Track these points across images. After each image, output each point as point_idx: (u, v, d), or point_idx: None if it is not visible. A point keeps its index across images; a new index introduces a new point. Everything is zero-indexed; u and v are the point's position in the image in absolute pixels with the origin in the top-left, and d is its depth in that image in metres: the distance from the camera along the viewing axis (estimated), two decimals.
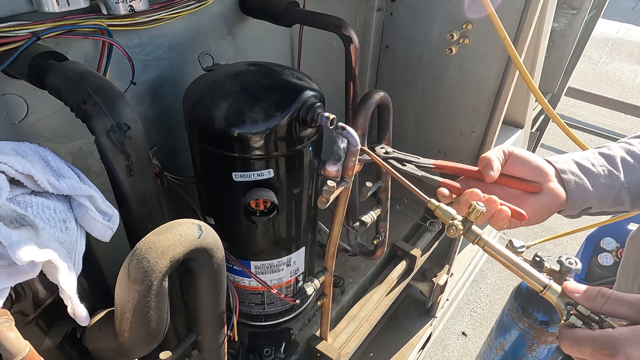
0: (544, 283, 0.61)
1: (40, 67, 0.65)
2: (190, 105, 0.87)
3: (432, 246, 1.68)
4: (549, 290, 0.61)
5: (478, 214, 0.65)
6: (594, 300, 0.57)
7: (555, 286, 0.61)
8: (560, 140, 4.33)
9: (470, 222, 0.66)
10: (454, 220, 0.67)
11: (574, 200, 0.80)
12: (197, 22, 1.00)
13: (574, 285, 0.60)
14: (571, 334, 0.57)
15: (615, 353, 0.52)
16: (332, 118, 0.80)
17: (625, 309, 0.56)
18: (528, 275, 0.63)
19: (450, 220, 0.67)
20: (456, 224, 0.66)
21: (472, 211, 0.65)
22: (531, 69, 2.13)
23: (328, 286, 1.06)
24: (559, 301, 0.60)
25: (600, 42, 6.66)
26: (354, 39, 1.05)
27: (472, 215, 0.66)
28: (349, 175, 0.82)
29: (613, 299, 0.57)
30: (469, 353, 2.54)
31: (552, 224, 3.45)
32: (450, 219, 0.67)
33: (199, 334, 0.78)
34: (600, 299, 0.57)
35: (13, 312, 0.55)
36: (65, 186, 0.60)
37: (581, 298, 0.58)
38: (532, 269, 0.63)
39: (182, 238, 0.59)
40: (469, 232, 0.66)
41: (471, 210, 0.66)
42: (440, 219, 0.69)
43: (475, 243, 0.66)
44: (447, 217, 0.68)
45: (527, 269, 0.63)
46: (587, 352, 0.55)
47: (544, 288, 0.61)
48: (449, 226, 0.66)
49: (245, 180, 0.88)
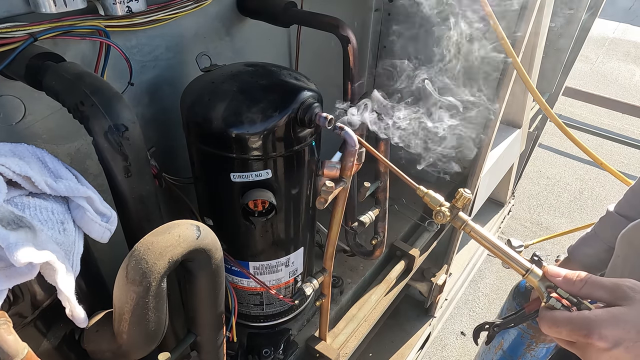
0: (526, 267, 0.64)
1: (38, 68, 0.65)
2: (188, 106, 0.87)
3: (431, 246, 1.68)
4: (530, 274, 0.64)
5: (465, 200, 0.67)
6: (573, 284, 0.61)
7: (536, 270, 0.64)
8: (558, 140, 4.34)
9: (458, 208, 0.68)
10: (442, 207, 0.68)
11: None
12: (195, 22, 1.00)
13: (554, 270, 0.63)
14: (550, 316, 0.61)
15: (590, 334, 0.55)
16: (330, 118, 0.80)
17: (601, 292, 0.59)
18: (511, 260, 0.66)
19: (438, 207, 0.69)
20: (443, 210, 0.68)
21: (460, 198, 0.67)
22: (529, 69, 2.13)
23: (327, 286, 1.06)
24: (540, 284, 0.63)
25: (598, 41, 6.68)
26: (351, 39, 1.05)
27: (458, 202, 0.68)
28: (347, 175, 0.82)
29: (591, 282, 0.60)
30: (468, 353, 2.55)
31: (550, 223, 3.46)
32: (438, 206, 0.69)
33: (198, 334, 0.78)
34: (578, 282, 0.60)
35: (11, 314, 0.54)
36: (62, 187, 0.59)
37: (561, 282, 0.62)
38: (515, 254, 0.66)
39: (181, 239, 0.59)
40: (456, 219, 0.68)
41: (458, 198, 0.68)
42: (429, 205, 0.71)
43: (462, 229, 0.68)
44: (435, 204, 0.69)
45: (510, 254, 0.66)
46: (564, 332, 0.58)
47: (526, 272, 0.64)
48: (436, 212, 0.68)
49: (243, 180, 0.88)
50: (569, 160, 4.17)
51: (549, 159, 4.19)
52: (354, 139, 0.79)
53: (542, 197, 3.73)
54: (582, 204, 3.68)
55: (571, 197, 3.75)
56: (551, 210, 3.60)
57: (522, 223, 3.45)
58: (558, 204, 3.67)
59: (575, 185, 3.88)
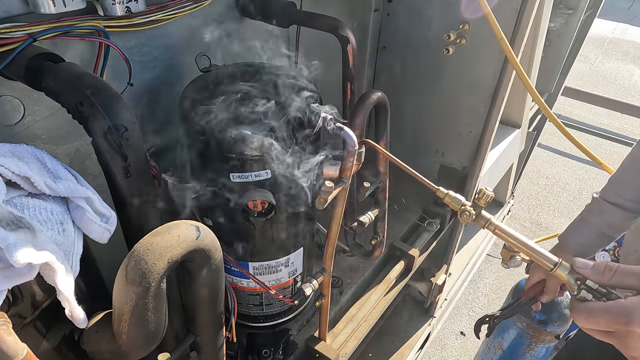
0: (554, 261, 0.64)
1: (37, 68, 0.65)
2: (187, 106, 0.87)
3: (431, 246, 1.68)
4: (559, 268, 0.63)
5: (488, 198, 0.68)
6: (602, 274, 0.60)
7: (565, 263, 0.64)
8: (557, 140, 4.34)
9: (480, 207, 0.68)
10: (466, 206, 0.69)
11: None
12: (194, 23, 1.00)
13: (582, 262, 0.62)
14: (584, 307, 0.60)
15: (631, 321, 0.55)
16: (329, 118, 0.80)
17: (632, 279, 0.59)
18: (539, 255, 0.65)
19: (461, 206, 0.69)
20: (468, 209, 0.68)
21: (482, 197, 0.68)
22: (528, 69, 2.13)
23: (326, 287, 1.06)
24: (569, 277, 0.63)
25: (597, 41, 6.69)
26: (351, 39, 1.05)
27: (481, 200, 0.68)
28: (347, 175, 0.82)
29: (620, 271, 0.60)
30: (468, 353, 2.55)
31: (549, 223, 3.46)
32: (461, 205, 0.69)
33: (198, 335, 0.78)
34: (607, 272, 0.60)
35: (10, 315, 0.54)
36: (62, 188, 0.59)
37: (590, 273, 0.61)
38: (542, 249, 0.66)
39: (180, 239, 0.59)
40: (479, 217, 0.68)
41: (481, 196, 0.68)
42: (451, 206, 0.71)
43: (486, 227, 0.68)
44: (457, 204, 0.70)
45: (537, 249, 0.66)
46: (602, 322, 0.58)
47: (554, 266, 0.64)
48: (461, 212, 0.69)
49: (242, 181, 0.88)
50: (568, 160, 4.18)
51: (548, 159, 4.19)
52: (354, 139, 0.79)
53: (541, 197, 3.73)
54: (582, 203, 3.68)
55: (570, 196, 3.76)
56: (550, 210, 3.60)
57: (521, 223, 3.46)
58: (557, 203, 3.68)
59: (575, 185, 3.88)
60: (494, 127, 1.51)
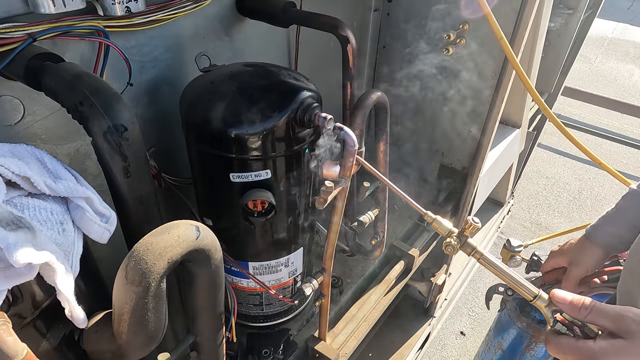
0: (534, 293, 0.68)
1: (37, 68, 0.65)
2: (187, 106, 0.87)
3: (430, 246, 1.68)
4: (538, 300, 0.67)
5: (474, 229, 0.70)
6: (578, 311, 0.64)
7: (544, 295, 0.67)
8: (557, 140, 4.34)
9: (465, 236, 0.71)
10: (450, 239, 0.71)
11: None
12: (194, 23, 1.00)
13: (560, 295, 0.66)
14: (557, 341, 0.65)
15: None
16: (329, 118, 0.80)
17: (605, 321, 0.62)
18: (519, 286, 0.69)
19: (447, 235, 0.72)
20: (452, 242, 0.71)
21: (468, 227, 0.70)
22: (528, 69, 2.13)
23: (326, 287, 1.06)
24: (546, 310, 0.67)
25: (597, 41, 6.69)
26: (351, 39, 1.05)
27: (467, 230, 0.70)
28: (347, 175, 0.82)
29: (595, 310, 0.63)
30: (468, 352, 2.55)
31: (549, 223, 3.46)
32: (447, 233, 0.72)
33: (197, 335, 0.78)
34: (583, 310, 0.64)
35: (10, 315, 0.54)
36: (62, 188, 0.59)
37: (567, 307, 0.65)
38: (523, 280, 0.69)
39: (180, 239, 0.59)
40: (465, 245, 0.71)
41: (467, 227, 0.70)
42: (437, 231, 0.73)
43: (471, 255, 0.71)
44: (443, 231, 0.73)
45: (519, 280, 0.69)
46: (570, 359, 0.63)
47: (534, 298, 0.67)
48: (446, 245, 0.71)
49: (242, 181, 0.88)
50: (568, 160, 4.18)
51: (548, 159, 4.19)
52: (354, 139, 0.79)
53: (541, 197, 3.73)
54: (582, 203, 3.68)
55: (570, 196, 3.76)
56: (550, 210, 3.60)
57: (521, 223, 3.46)
58: (557, 203, 3.68)
59: (575, 185, 3.88)
60: (494, 127, 1.51)
